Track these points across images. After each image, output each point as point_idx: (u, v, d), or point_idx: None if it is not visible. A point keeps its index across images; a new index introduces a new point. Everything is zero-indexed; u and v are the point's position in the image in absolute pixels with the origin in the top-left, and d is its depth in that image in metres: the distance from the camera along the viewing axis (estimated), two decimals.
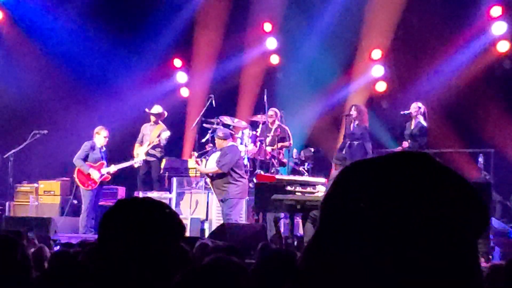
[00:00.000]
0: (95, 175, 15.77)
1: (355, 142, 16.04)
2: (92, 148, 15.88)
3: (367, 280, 1.24)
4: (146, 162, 16.79)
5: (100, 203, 15.99)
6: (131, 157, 16.74)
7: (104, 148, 16.07)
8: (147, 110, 17.21)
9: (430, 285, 1.24)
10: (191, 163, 17.09)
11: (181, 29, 19.76)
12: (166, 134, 16.73)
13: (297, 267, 1.31)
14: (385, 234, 1.24)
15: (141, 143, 16.91)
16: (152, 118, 17.07)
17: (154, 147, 16.74)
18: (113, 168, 16.09)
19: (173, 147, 17.88)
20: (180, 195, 16.26)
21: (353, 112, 16.22)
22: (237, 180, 14.30)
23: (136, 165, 16.78)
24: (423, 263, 1.24)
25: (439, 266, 1.24)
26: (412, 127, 15.54)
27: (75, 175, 15.96)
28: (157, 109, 17.16)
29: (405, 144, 15.53)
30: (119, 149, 17.11)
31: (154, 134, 16.83)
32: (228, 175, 14.27)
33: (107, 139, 15.98)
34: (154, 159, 16.87)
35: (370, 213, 1.25)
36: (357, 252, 1.25)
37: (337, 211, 1.29)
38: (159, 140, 16.64)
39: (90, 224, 15.36)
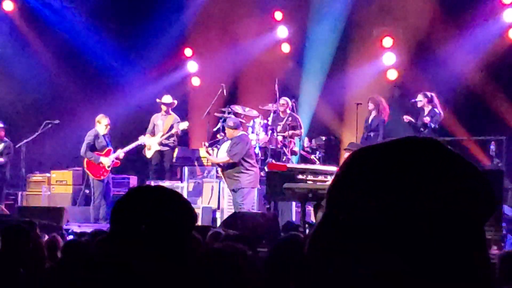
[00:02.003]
0: (106, 162, 15.83)
1: (371, 134, 16.10)
2: (97, 136, 15.92)
3: (373, 267, 1.25)
4: (159, 152, 16.83)
5: (113, 193, 16.05)
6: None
7: (108, 134, 16.12)
8: (158, 100, 17.23)
9: (438, 272, 1.24)
10: (202, 152, 17.13)
11: (192, 18, 19.75)
12: (185, 124, 16.77)
13: (304, 254, 1.32)
14: (391, 220, 1.24)
15: (152, 133, 16.93)
16: (163, 108, 17.08)
17: (168, 138, 16.78)
18: (121, 153, 16.15)
19: (185, 137, 17.92)
20: (191, 184, 16.29)
21: (370, 105, 16.29)
22: (248, 169, 14.29)
23: (148, 155, 16.82)
24: (430, 250, 1.24)
25: (447, 253, 1.25)
26: (425, 115, 15.52)
27: (85, 167, 16.01)
28: (167, 98, 17.18)
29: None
30: (131, 139, 17.14)
31: (167, 124, 16.85)
32: (240, 165, 14.26)
33: (108, 127, 16.01)
34: (167, 148, 16.91)
35: (376, 199, 1.25)
36: (363, 238, 1.25)
37: (343, 197, 1.29)
38: (177, 131, 16.65)
39: (105, 213, 15.41)
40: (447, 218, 1.25)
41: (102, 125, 15.93)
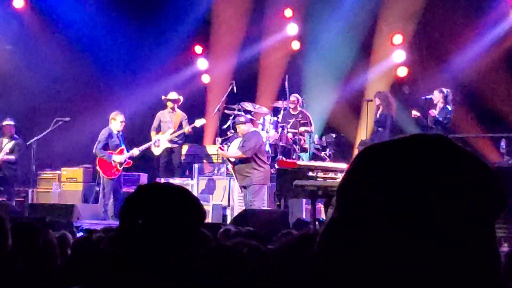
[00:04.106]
0: (119, 160, 15.83)
1: (380, 129, 16.09)
2: (110, 135, 15.91)
3: (383, 263, 1.24)
4: (168, 149, 16.85)
5: (123, 190, 16.07)
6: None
7: (121, 133, 16.11)
8: (163, 97, 17.25)
9: (447, 268, 1.24)
10: (213, 149, 17.15)
11: (202, 15, 19.76)
12: (202, 121, 16.79)
13: (315, 250, 1.32)
14: (401, 217, 1.24)
15: (157, 130, 16.94)
16: (170, 105, 17.10)
17: (179, 135, 16.81)
18: (136, 152, 16.16)
19: (194, 134, 17.93)
20: (201, 182, 16.30)
21: (376, 100, 16.29)
22: (260, 166, 14.29)
23: (156, 153, 16.83)
24: (441, 246, 1.24)
25: (457, 250, 1.24)
26: (437, 112, 15.47)
27: (97, 165, 16.04)
28: (173, 95, 17.21)
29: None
30: (140, 137, 17.17)
31: (176, 120, 16.87)
32: (251, 161, 14.27)
33: (123, 123, 16.00)
34: (176, 145, 16.93)
35: (386, 196, 1.25)
36: (373, 235, 1.25)
37: (353, 194, 1.29)
38: (190, 128, 16.66)
39: (114, 211, 15.42)
40: (458, 215, 1.24)
41: (117, 121, 15.91)
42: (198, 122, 16.74)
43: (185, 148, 17.49)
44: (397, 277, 1.24)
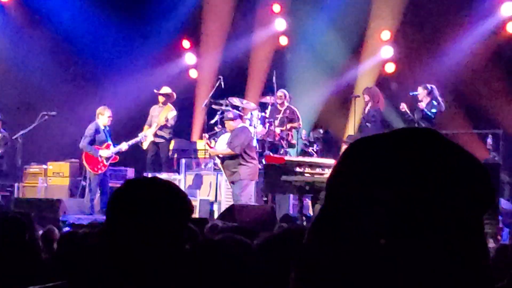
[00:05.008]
0: (105, 154, 15.77)
1: (368, 124, 16.12)
2: (97, 130, 15.84)
3: (373, 256, 1.24)
4: (154, 143, 16.82)
5: (110, 184, 16.03)
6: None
7: (108, 128, 16.05)
8: (155, 91, 17.23)
9: (437, 262, 1.24)
10: (200, 144, 17.13)
11: (190, 10, 19.73)
12: (172, 114, 16.74)
13: (303, 245, 1.31)
14: (390, 210, 1.23)
15: (150, 125, 16.94)
16: (161, 99, 17.08)
17: (162, 128, 16.76)
18: (125, 146, 16.12)
19: (182, 129, 17.90)
20: (189, 177, 16.28)
21: (365, 96, 16.32)
22: (248, 162, 14.28)
23: (144, 147, 16.81)
24: (429, 240, 1.23)
25: (445, 243, 1.24)
26: (424, 107, 15.49)
27: (83, 160, 15.98)
28: (165, 89, 17.18)
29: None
30: (127, 131, 17.13)
31: (162, 115, 16.84)
32: (240, 157, 14.24)
33: (111, 118, 15.94)
34: (163, 140, 16.90)
35: (375, 190, 1.24)
36: (362, 229, 1.25)
37: (342, 188, 1.28)
38: (166, 121, 16.63)
39: (101, 205, 15.39)
40: (446, 208, 1.24)
41: (105, 116, 15.84)
42: (170, 115, 16.69)
43: (172, 143, 17.46)
44: (386, 268, 1.23)
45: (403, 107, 15.61)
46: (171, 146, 17.43)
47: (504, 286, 4.52)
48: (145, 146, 16.81)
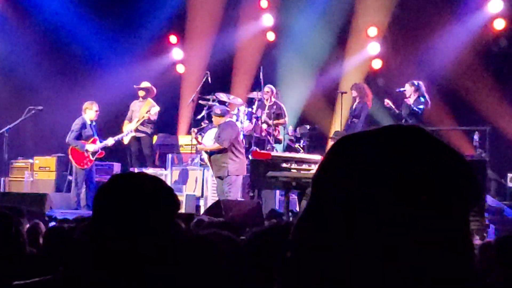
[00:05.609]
0: (91, 149, 15.72)
1: (355, 120, 16.12)
2: (84, 125, 15.79)
3: (358, 251, 1.24)
4: (136, 138, 16.79)
5: (95, 180, 16.00)
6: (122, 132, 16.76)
7: (94, 123, 16.00)
8: (135, 86, 17.22)
9: (422, 258, 1.24)
10: (187, 139, 17.10)
11: (177, 5, 19.69)
12: (156, 109, 16.71)
13: (289, 241, 1.31)
14: (375, 207, 1.23)
15: (130, 120, 16.91)
16: (141, 93, 17.07)
17: (143, 123, 16.73)
18: (111, 141, 16.08)
19: (167, 124, 17.86)
20: (175, 172, 16.26)
21: (353, 92, 16.34)
22: (236, 156, 14.26)
23: (125, 141, 16.78)
24: (415, 237, 1.23)
25: (431, 240, 1.24)
26: (411, 103, 15.51)
27: (69, 155, 15.93)
28: (145, 84, 17.18)
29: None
30: (112, 126, 17.09)
31: (143, 110, 16.81)
32: (228, 151, 14.22)
33: (97, 113, 15.90)
34: (144, 135, 16.87)
35: (361, 187, 1.24)
36: (347, 226, 1.25)
37: (328, 184, 1.28)
38: (149, 116, 16.61)
39: (87, 200, 15.36)
40: (433, 205, 1.24)
41: (92, 111, 15.78)
42: (153, 110, 16.66)
43: (155, 138, 17.43)
44: (371, 263, 1.23)
45: (388, 103, 15.64)
46: (155, 141, 17.41)
47: (490, 282, 4.54)
48: (126, 141, 16.76)
